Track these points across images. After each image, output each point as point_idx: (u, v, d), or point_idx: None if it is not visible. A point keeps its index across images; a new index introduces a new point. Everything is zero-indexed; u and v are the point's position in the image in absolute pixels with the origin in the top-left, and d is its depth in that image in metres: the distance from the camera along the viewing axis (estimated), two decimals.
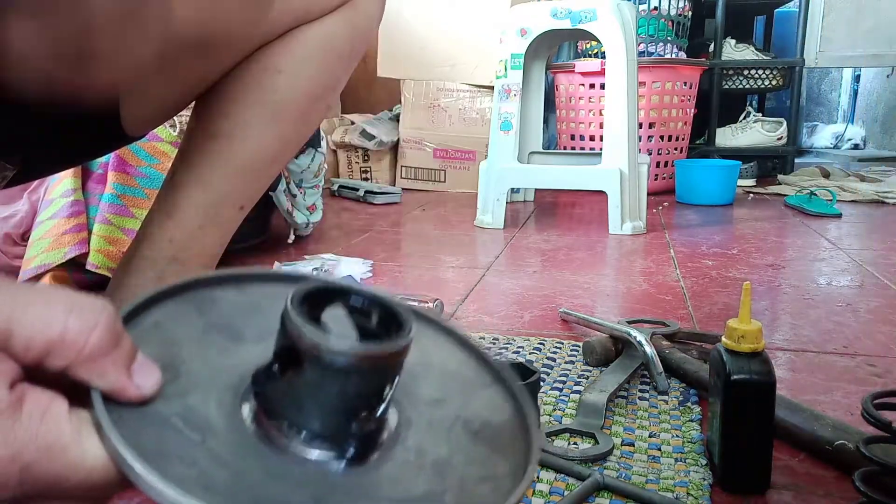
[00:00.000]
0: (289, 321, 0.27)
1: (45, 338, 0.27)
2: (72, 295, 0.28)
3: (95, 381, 0.28)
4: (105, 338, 0.28)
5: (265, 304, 0.33)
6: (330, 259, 1.38)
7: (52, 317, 0.27)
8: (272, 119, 0.70)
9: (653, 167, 2.35)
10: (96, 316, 0.28)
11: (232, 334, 0.32)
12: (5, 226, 1.18)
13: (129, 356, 0.29)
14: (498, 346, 0.90)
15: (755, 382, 0.56)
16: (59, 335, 0.27)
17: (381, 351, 0.27)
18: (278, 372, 0.28)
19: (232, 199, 0.71)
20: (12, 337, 0.27)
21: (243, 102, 0.69)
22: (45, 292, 0.28)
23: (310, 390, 0.27)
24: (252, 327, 0.32)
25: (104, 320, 0.28)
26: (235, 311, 0.33)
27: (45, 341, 0.27)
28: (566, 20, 1.76)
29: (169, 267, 0.70)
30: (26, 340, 0.27)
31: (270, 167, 0.73)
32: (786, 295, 1.17)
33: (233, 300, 0.33)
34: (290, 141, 0.74)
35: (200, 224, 0.70)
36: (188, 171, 0.70)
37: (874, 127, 4.60)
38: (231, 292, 0.33)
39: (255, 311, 0.33)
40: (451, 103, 2.50)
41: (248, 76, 0.69)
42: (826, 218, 1.95)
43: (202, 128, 0.70)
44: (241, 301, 0.33)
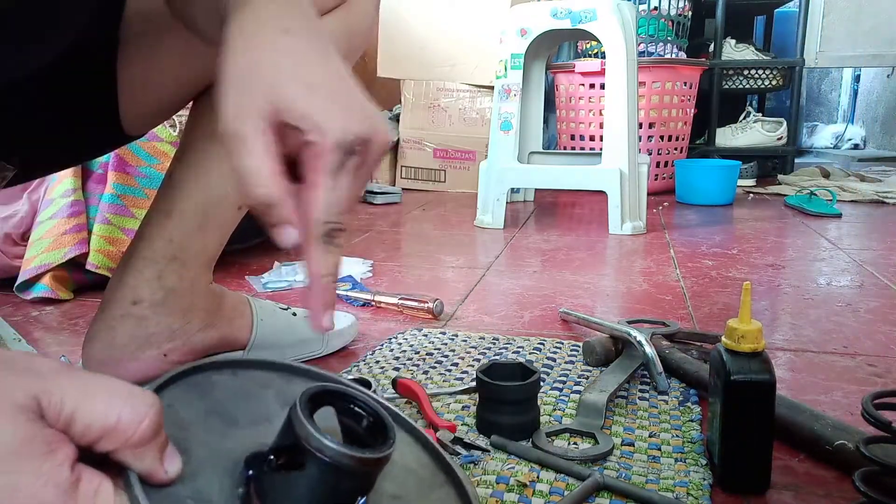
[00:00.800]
0: (297, 423, 0.31)
1: (103, 425, 0.31)
2: (128, 387, 0.32)
3: (134, 464, 0.32)
4: (151, 429, 0.32)
5: (255, 390, 0.37)
6: None
7: (110, 407, 0.31)
8: None
9: (653, 167, 2.35)
10: (147, 409, 0.32)
11: (227, 419, 0.36)
12: (5, 226, 1.18)
13: (165, 445, 0.33)
14: (498, 346, 0.90)
15: (755, 382, 0.56)
16: (114, 423, 0.31)
17: (375, 456, 0.31)
18: (275, 463, 0.32)
19: (231, 199, 0.71)
20: (74, 422, 0.30)
21: None
22: (106, 383, 0.32)
23: (306, 483, 0.31)
24: (244, 413, 0.36)
25: (153, 414, 0.32)
26: (230, 396, 0.37)
27: (101, 428, 0.31)
28: (566, 20, 1.76)
29: (168, 266, 0.71)
30: (86, 426, 0.31)
31: None
32: (786, 295, 1.17)
33: (228, 385, 0.37)
34: None
35: (199, 224, 0.71)
36: (187, 171, 0.70)
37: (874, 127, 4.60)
38: (227, 376, 0.37)
39: (246, 397, 0.37)
40: (451, 103, 2.50)
41: None
42: (826, 218, 1.95)
43: (201, 127, 0.71)
44: (235, 386, 0.37)
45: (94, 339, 0.72)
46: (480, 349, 0.89)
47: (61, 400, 0.30)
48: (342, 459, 0.30)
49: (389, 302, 1.07)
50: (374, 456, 0.31)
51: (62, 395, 0.30)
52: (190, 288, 0.72)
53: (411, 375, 0.80)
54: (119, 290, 0.71)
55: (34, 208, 1.18)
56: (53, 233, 1.12)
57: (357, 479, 0.31)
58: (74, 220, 1.14)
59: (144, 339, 0.71)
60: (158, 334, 0.72)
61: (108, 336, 0.71)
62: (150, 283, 0.71)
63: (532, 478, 0.57)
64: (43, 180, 1.19)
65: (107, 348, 0.71)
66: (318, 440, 0.30)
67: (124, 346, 0.71)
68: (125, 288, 0.71)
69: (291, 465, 0.31)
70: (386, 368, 0.82)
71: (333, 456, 0.30)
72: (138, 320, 0.71)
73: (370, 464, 0.31)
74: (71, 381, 0.31)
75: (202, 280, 0.74)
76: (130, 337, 0.71)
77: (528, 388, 0.65)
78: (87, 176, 1.18)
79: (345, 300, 1.12)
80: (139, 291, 0.71)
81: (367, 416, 0.33)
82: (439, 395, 0.74)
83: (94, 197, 1.17)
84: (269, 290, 1.20)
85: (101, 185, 1.17)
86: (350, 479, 0.31)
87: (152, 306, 0.71)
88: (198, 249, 0.72)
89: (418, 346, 0.90)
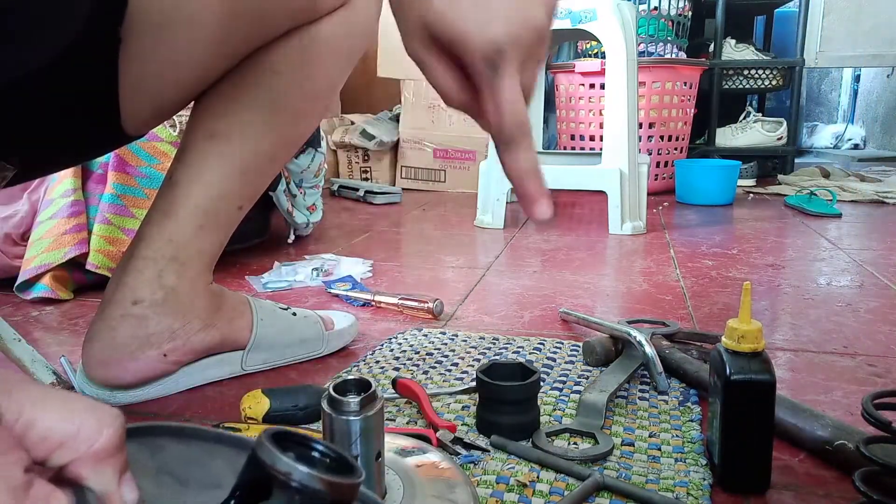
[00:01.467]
0: (263, 451, 0.29)
1: (63, 431, 0.30)
2: (91, 401, 0.31)
3: (92, 480, 0.30)
4: (113, 439, 0.30)
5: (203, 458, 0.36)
6: (330, 259, 1.38)
7: (72, 414, 0.30)
8: (271, 119, 0.70)
9: (653, 167, 2.35)
10: (111, 419, 0.31)
11: (179, 479, 0.35)
12: (5, 226, 1.18)
13: (125, 465, 0.31)
14: (498, 346, 0.90)
15: (755, 382, 0.56)
16: (75, 431, 0.30)
17: (346, 482, 0.30)
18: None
19: (231, 198, 0.71)
20: (33, 427, 0.29)
21: (242, 102, 0.69)
22: (69, 395, 0.31)
23: None
24: (194, 476, 0.35)
25: (116, 425, 0.31)
26: (180, 460, 0.36)
27: (62, 434, 0.30)
28: (566, 20, 1.76)
29: (168, 266, 0.71)
30: (45, 430, 0.29)
31: (269, 167, 0.73)
32: (786, 295, 1.17)
33: (177, 450, 0.36)
34: (288, 141, 0.74)
35: (200, 224, 0.71)
36: (187, 171, 0.70)
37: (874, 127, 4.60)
38: (174, 443, 0.36)
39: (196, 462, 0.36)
40: None
41: (247, 77, 0.69)
42: (826, 218, 1.95)
43: (201, 128, 0.70)
44: (184, 452, 0.36)
45: (94, 339, 0.72)
46: (480, 349, 0.89)
47: (21, 404, 0.29)
48: (312, 484, 0.28)
49: (389, 302, 1.07)
50: (345, 482, 0.30)
51: (23, 399, 0.29)
52: (190, 288, 0.72)
53: (411, 375, 0.80)
54: (119, 290, 0.71)
55: (34, 208, 1.18)
56: (53, 233, 1.12)
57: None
58: (74, 220, 1.14)
59: (145, 339, 0.71)
60: (159, 334, 0.72)
61: (108, 336, 0.71)
62: (151, 283, 0.71)
63: (532, 478, 0.57)
64: (43, 180, 1.19)
65: (107, 348, 0.71)
66: (287, 464, 0.29)
67: (124, 346, 0.71)
68: (125, 288, 0.71)
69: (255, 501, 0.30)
70: (386, 368, 0.82)
71: (302, 480, 0.28)
72: (138, 320, 0.71)
73: (341, 491, 0.29)
74: (34, 389, 0.30)
75: (202, 280, 0.74)
76: (131, 337, 0.71)
77: (528, 388, 0.65)
78: (87, 176, 1.18)
79: (345, 300, 1.12)
80: (139, 291, 0.71)
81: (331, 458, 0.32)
82: (439, 395, 0.74)
83: (94, 197, 1.17)
84: (269, 290, 1.20)
85: (101, 185, 1.17)
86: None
87: (152, 306, 0.71)
88: (198, 249, 0.72)
89: (418, 346, 0.90)
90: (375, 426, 0.46)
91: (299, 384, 0.76)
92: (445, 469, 0.53)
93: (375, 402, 0.46)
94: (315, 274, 1.26)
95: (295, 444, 0.31)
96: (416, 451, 0.56)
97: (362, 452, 0.45)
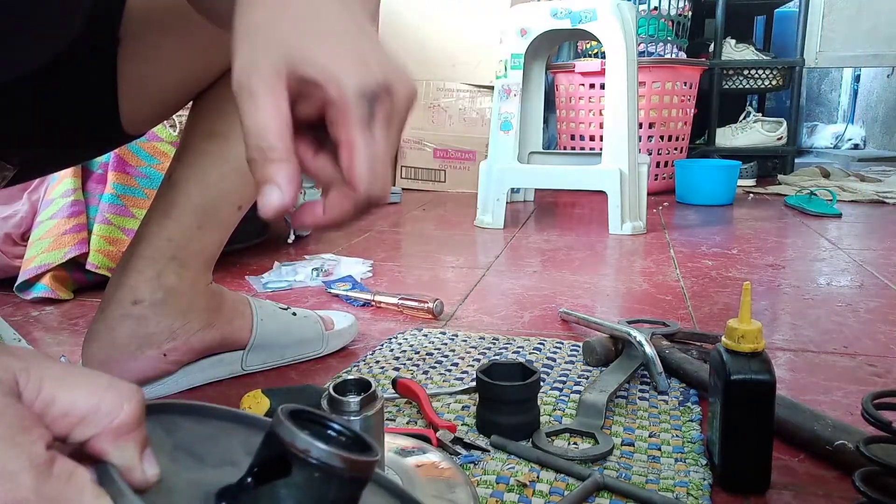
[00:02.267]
0: (281, 429, 0.30)
1: (85, 407, 0.29)
2: (110, 378, 0.31)
3: (114, 455, 0.30)
4: (134, 413, 0.30)
5: (219, 436, 0.36)
6: (330, 259, 1.38)
7: (92, 390, 0.30)
8: None
9: (653, 167, 2.35)
10: (131, 394, 0.31)
11: (195, 457, 0.35)
12: (5, 226, 1.18)
13: (146, 441, 0.31)
14: (498, 346, 0.90)
15: (755, 382, 0.56)
16: (95, 406, 0.30)
17: (364, 459, 0.30)
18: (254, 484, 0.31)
19: (230, 198, 0.71)
20: (53, 404, 0.29)
21: None
22: (88, 372, 0.31)
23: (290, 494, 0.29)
24: (210, 454, 0.35)
25: (136, 401, 0.31)
26: (195, 437, 0.36)
27: (83, 409, 0.29)
28: (566, 20, 1.76)
29: (168, 266, 0.71)
30: (66, 407, 0.29)
31: None
32: (786, 295, 1.17)
33: (192, 428, 0.36)
34: None
35: (199, 224, 0.71)
36: (185, 171, 0.70)
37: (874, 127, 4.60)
38: (190, 421, 0.36)
39: (211, 441, 0.36)
40: (451, 103, 2.50)
41: None
42: (826, 218, 1.95)
43: (200, 127, 0.70)
44: (199, 430, 0.36)
45: (94, 339, 0.72)
46: (480, 349, 0.89)
47: (41, 381, 0.29)
48: (331, 461, 0.29)
49: (389, 302, 1.07)
50: (363, 459, 0.30)
51: (42, 376, 0.29)
52: (190, 288, 0.72)
53: (411, 375, 0.80)
54: (119, 290, 0.71)
55: (34, 208, 1.18)
56: (53, 233, 1.12)
57: (345, 487, 0.30)
58: (74, 220, 1.13)
59: (144, 338, 0.71)
60: (158, 334, 0.72)
61: (108, 336, 0.71)
62: (150, 283, 0.71)
63: (532, 478, 0.57)
64: (43, 180, 1.19)
65: (107, 348, 0.71)
66: (305, 441, 0.29)
67: (124, 346, 0.71)
68: (125, 288, 0.71)
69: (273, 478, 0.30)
70: (386, 368, 0.82)
71: (321, 457, 0.29)
72: (138, 320, 0.71)
73: (359, 467, 0.30)
74: (52, 366, 0.30)
75: (202, 280, 0.74)
76: (131, 337, 0.71)
77: (528, 388, 0.65)
78: (87, 176, 1.18)
79: (345, 300, 1.12)
80: (139, 291, 0.71)
81: (347, 437, 0.32)
82: (439, 395, 0.74)
83: (94, 197, 1.17)
84: (269, 290, 1.20)
85: (101, 185, 1.17)
86: (338, 486, 0.30)
87: (152, 306, 0.71)
88: (197, 249, 0.72)
89: (418, 346, 0.90)
90: (375, 426, 0.46)
91: (299, 384, 0.76)
92: (445, 469, 0.54)
93: (375, 402, 0.46)
94: (315, 274, 1.26)
95: (312, 423, 0.32)
96: (416, 451, 0.56)
97: None
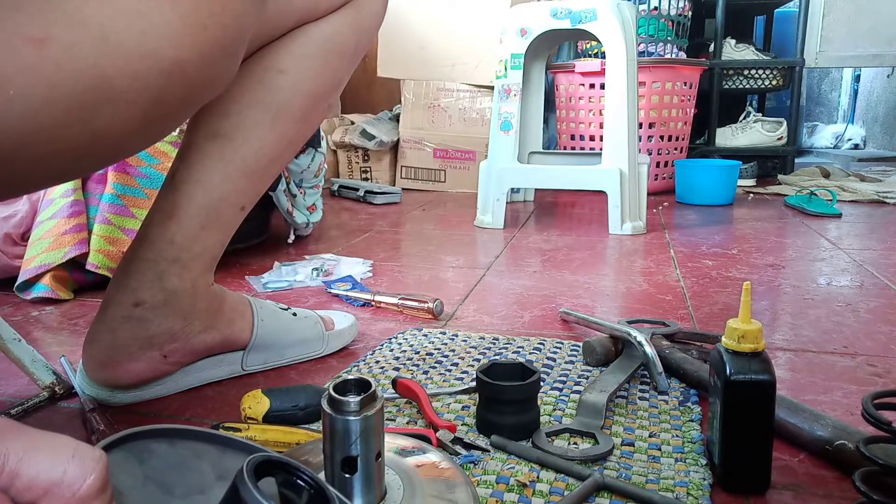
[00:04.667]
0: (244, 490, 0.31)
1: (48, 479, 0.30)
2: (75, 443, 0.32)
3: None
4: (97, 484, 0.31)
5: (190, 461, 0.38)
6: (330, 259, 1.38)
7: (56, 461, 0.31)
8: (274, 119, 0.69)
9: (653, 167, 2.35)
10: (94, 464, 0.31)
11: (164, 488, 0.36)
12: (5, 226, 1.18)
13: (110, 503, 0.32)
14: (498, 346, 0.90)
15: (755, 382, 0.56)
16: (59, 477, 0.30)
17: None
18: None
19: (233, 199, 0.71)
20: (19, 476, 0.30)
21: (244, 102, 0.68)
22: (52, 439, 0.32)
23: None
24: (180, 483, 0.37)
25: (99, 468, 0.31)
26: (166, 465, 0.37)
27: (46, 482, 0.30)
28: (566, 20, 1.76)
29: (170, 268, 0.70)
30: (30, 479, 0.30)
31: (271, 167, 0.73)
32: (786, 295, 1.17)
33: (164, 454, 0.37)
34: (291, 141, 0.73)
35: (202, 225, 0.70)
36: (189, 172, 0.69)
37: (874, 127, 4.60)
38: (164, 446, 0.38)
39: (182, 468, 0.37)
40: (451, 103, 2.50)
41: (250, 76, 0.68)
42: (826, 218, 1.95)
43: (203, 127, 0.70)
44: (171, 455, 0.38)
45: (94, 340, 0.72)
46: (480, 349, 0.89)
47: (6, 454, 0.30)
48: None
49: (389, 302, 1.07)
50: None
51: (7, 449, 0.30)
52: (191, 290, 0.72)
53: (411, 375, 0.80)
54: (120, 291, 0.71)
55: (34, 208, 1.18)
56: (53, 233, 1.12)
57: None
58: (74, 220, 1.14)
59: (145, 340, 0.71)
60: (159, 336, 0.72)
61: (108, 338, 0.71)
62: (152, 285, 0.70)
63: (532, 478, 0.57)
64: None
65: (107, 350, 0.71)
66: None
67: (125, 348, 0.71)
68: (126, 290, 0.71)
69: None
70: (386, 368, 0.82)
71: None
72: (139, 322, 0.71)
73: None
74: (16, 436, 0.31)
75: (203, 281, 0.74)
76: (131, 338, 0.71)
77: (528, 388, 0.65)
78: (87, 176, 1.18)
79: (345, 300, 1.12)
80: (140, 293, 0.70)
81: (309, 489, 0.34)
82: (439, 395, 0.74)
83: (94, 197, 1.17)
84: (269, 290, 1.20)
85: (102, 184, 1.17)
86: None
87: (153, 308, 0.71)
88: (200, 251, 0.71)
89: (418, 346, 0.90)
90: (375, 426, 0.46)
91: (299, 384, 0.76)
92: (445, 469, 0.53)
93: (375, 402, 0.46)
94: (315, 274, 1.26)
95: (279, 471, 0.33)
96: (416, 451, 0.56)
97: (362, 452, 0.45)
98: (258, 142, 0.69)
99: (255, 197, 0.74)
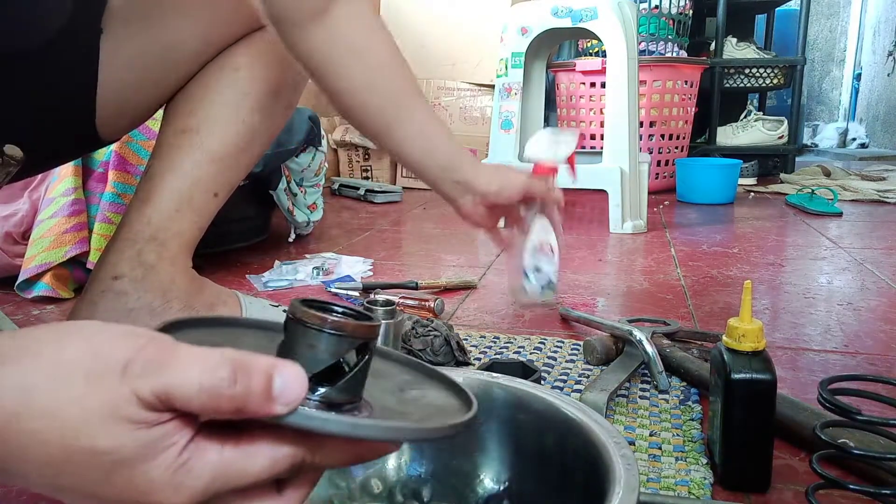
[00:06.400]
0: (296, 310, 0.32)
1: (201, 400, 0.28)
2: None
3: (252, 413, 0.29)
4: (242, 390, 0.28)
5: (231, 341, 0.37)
6: (330, 258, 1.38)
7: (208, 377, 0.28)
8: (235, 112, 0.75)
9: (653, 166, 2.35)
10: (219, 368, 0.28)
11: None
12: (6, 224, 1.18)
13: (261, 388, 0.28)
14: (499, 345, 0.90)
15: (756, 381, 0.56)
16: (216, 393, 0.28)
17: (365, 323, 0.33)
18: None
19: (204, 185, 0.75)
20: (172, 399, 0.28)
21: (207, 101, 0.75)
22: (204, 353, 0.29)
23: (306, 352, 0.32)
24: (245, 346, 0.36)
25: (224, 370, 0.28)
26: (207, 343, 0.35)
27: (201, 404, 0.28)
28: (567, 18, 1.76)
29: (147, 246, 0.73)
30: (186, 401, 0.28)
31: (240, 157, 0.77)
32: (787, 294, 1.17)
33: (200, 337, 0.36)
34: (256, 131, 0.78)
35: (176, 207, 0.74)
36: (161, 163, 0.75)
37: (875, 125, 4.60)
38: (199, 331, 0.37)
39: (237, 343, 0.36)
40: (452, 102, 2.50)
41: (210, 76, 0.75)
42: (827, 217, 1.94)
43: (172, 126, 0.75)
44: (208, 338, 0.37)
45: (75, 314, 0.75)
46: (481, 348, 0.89)
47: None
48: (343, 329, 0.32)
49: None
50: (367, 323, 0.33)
51: None
52: (170, 267, 0.75)
53: None
54: (100, 268, 0.74)
55: (35, 207, 1.18)
56: (54, 231, 1.13)
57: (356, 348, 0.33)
58: (75, 219, 1.14)
59: (125, 313, 0.73)
60: (139, 310, 0.73)
61: (88, 311, 0.73)
62: (130, 261, 0.73)
63: None
64: (44, 179, 1.19)
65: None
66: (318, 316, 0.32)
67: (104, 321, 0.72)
68: (106, 265, 0.74)
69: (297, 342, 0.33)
70: None
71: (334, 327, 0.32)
72: (118, 295, 0.73)
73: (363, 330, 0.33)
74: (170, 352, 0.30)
75: (181, 261, 0.76)
76: (111, 311, 0.73)
77: None
78: (87, 174, 1.19)
79: (345, 299, 1.12)
80: (119, 268, 0.73)
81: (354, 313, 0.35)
82: None
83: (94, 196, 1.17)
84: (269, 288, 1.20)
85: (102, 183, 1.17)
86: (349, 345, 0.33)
87: (132, 282, 0.73)
88: (176, 231, 0.75)
89: None
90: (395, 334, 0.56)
91: None
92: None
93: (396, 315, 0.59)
94: (316, 273, 1.26)
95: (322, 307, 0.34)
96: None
97: None
98: (222, 133, 0.75)
99: (228, 184, 0.78)
